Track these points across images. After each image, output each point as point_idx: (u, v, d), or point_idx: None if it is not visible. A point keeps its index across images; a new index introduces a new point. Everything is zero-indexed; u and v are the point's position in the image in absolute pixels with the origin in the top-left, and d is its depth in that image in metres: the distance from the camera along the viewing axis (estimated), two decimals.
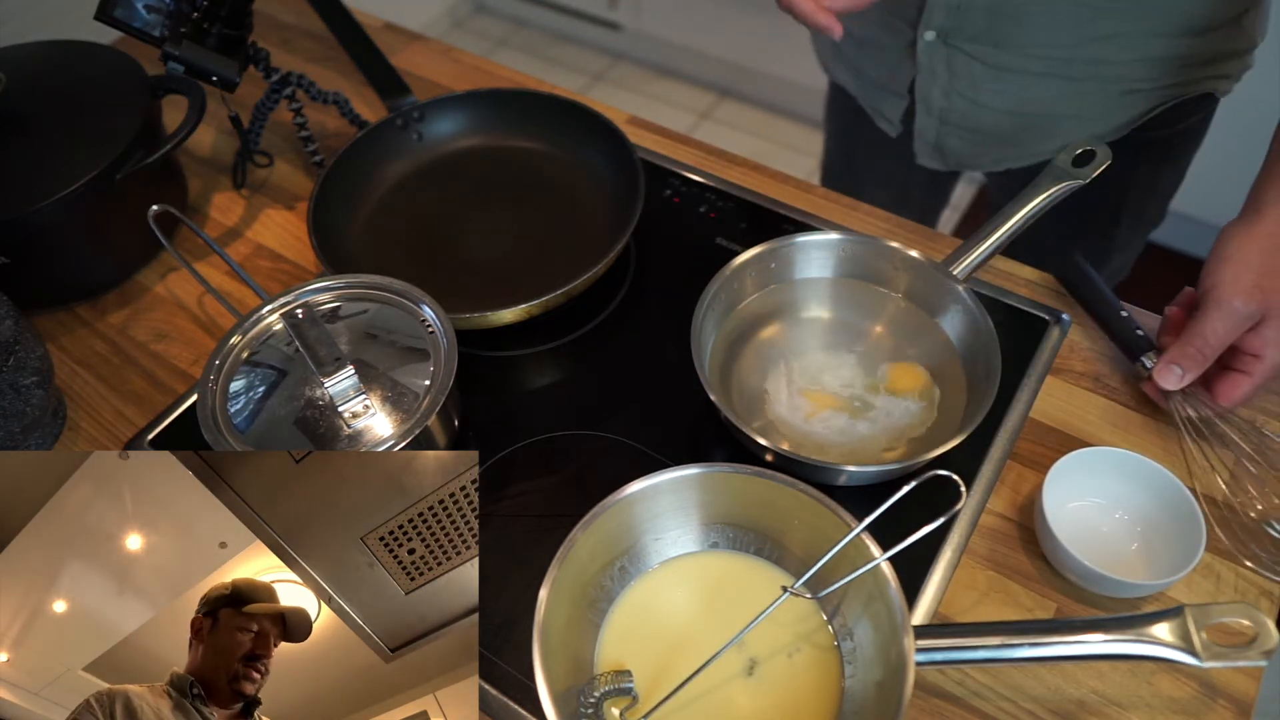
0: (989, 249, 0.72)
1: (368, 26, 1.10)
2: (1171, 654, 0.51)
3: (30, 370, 0.71)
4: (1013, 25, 0.84)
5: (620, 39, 2.58)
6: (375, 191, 0.90)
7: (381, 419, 0.63)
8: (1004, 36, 0.85)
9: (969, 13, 0.84)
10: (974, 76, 0.89)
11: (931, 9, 0.85)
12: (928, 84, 0.93)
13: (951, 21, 0.86)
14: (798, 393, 0.71)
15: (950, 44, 0.88)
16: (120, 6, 0.78)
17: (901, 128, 1.02)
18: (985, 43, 0.86)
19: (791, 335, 0.75)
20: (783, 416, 0.70)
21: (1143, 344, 0.71)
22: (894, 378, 0.72)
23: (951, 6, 0.84)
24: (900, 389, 0.71)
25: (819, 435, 0.69)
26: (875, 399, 0.71)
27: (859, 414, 0.70)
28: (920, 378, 0.71)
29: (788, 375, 0.72)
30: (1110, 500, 0.65)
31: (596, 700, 0.53)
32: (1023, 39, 0.84)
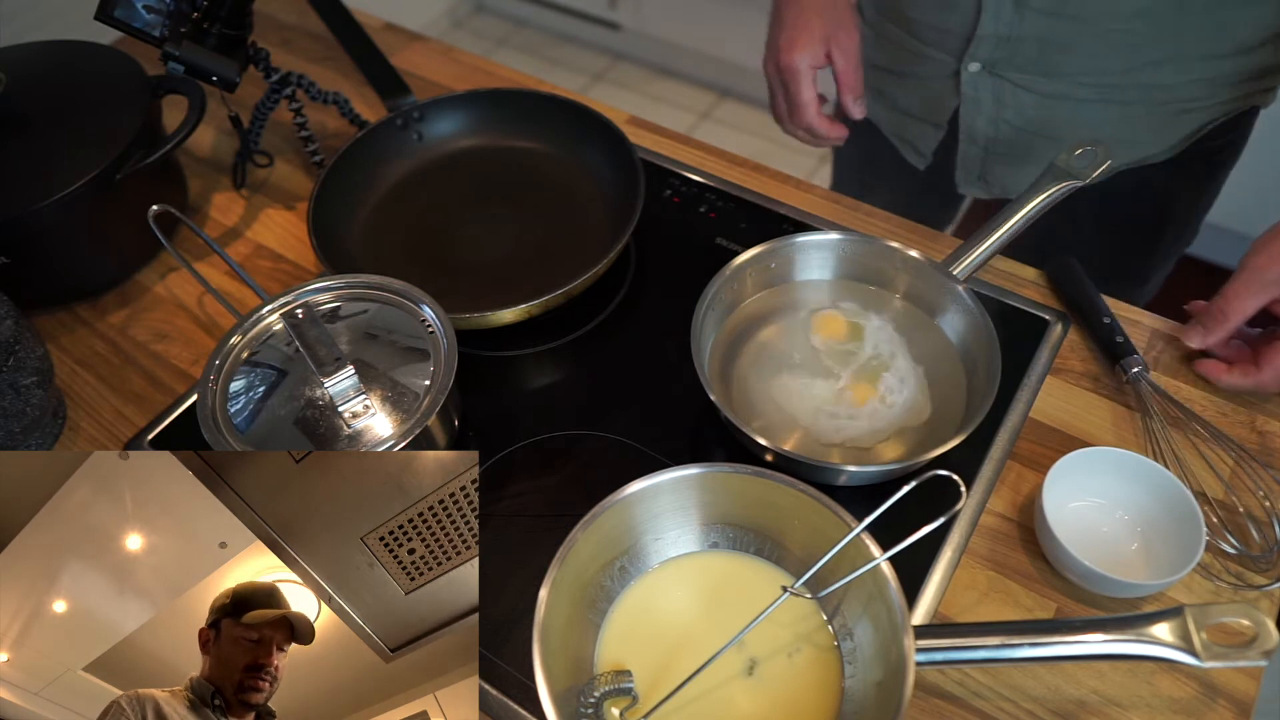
0: (989, 249, 0.72)
1: (368, 26, 1.10)
2: (1171, 654, 0.51)
3: (30, 370, 0.71)
4: (1063, 54, 0.82)
5: (620, 39, 2.58)
6: (375, 191, 0.90)
7: (381, 419, 0.63)
8: (1054, 66, 0.83)
9: (1019, 44, 0.82)
10: (1022, 105, 0.87)
11: (979, 41, 0.83)
12: (972, 115, 0.91)
13: (1000, 53, 0.84)
14: None
15: (996, 74, 0.86)
16: (120, 6, 0.78)
17: (931, 160, 1.00)
18: (1034, 72, 0.84)
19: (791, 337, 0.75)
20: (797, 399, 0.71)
21: (1123, 349, 0.71)
22: (818, 326, 0.74)
23: (1001, 38, 0.82)
24: (828, 334, 0.73)
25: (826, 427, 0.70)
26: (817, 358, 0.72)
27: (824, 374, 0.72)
28: (839, 325, 0.73)
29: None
30: (1110, 500, 0.65)
31: (596, 700, 0.53)
32: (1073, 67, 0.83)
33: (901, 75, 0.96)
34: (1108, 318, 0.74)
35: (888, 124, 1.03)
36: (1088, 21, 0.78)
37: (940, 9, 0.86)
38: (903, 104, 0.99)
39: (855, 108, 0.84)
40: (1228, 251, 1.69)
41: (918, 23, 0.89)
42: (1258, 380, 0.68)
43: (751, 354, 0.74)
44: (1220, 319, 0.69)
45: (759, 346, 0.74)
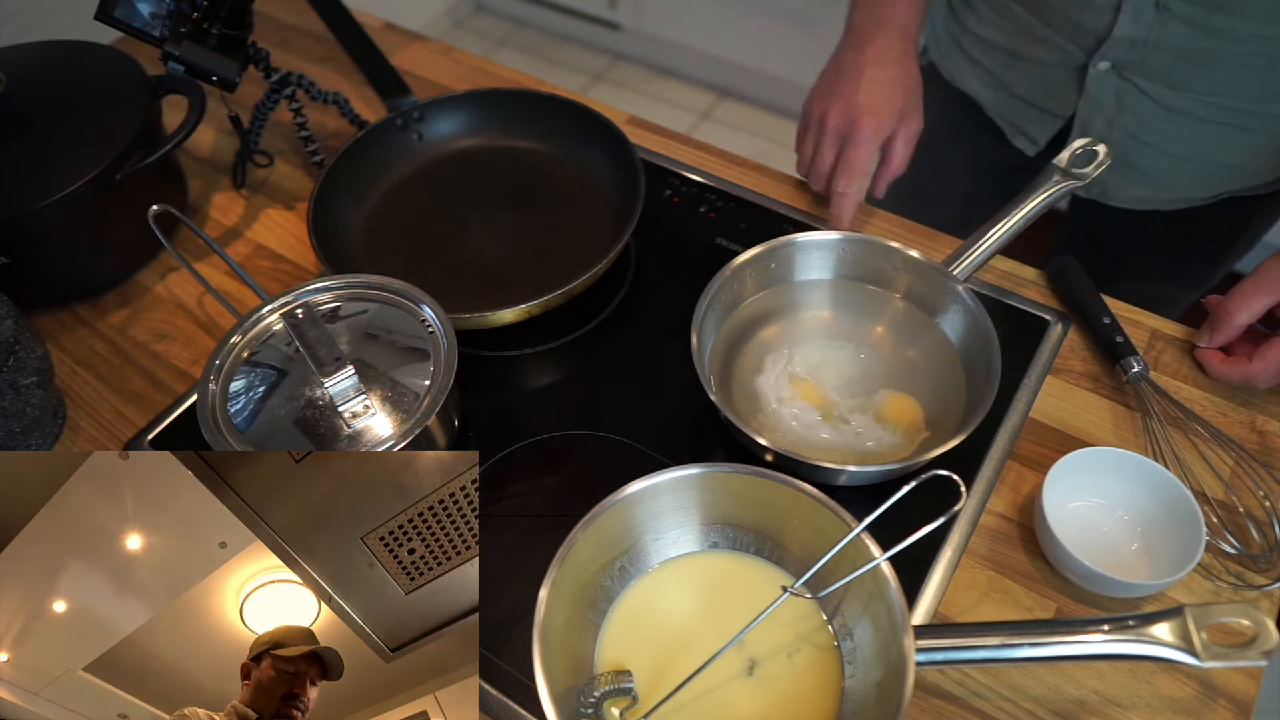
0: (989, 249, 0.72)
1: (368, 26, 1.10)
2: (1171, 654, 0.51)
3: (30, 370, 0.71)
4: (1198, 69, 0.80)
5: (620, 39, 2.58)
6: (375, 191, 0.90)
7: (381, 419, 0.63)
8: (1185, 80, 0.81)
9: (1155, 50, 0.80)
10: (1143, 113, 0.85)
11: (1114, 41, 0.81)
12: (1091, 113, 0.88)
13: (1133, 56, 0.82)
14: (787, 378, 0.71)
15: (1124, 77, 0.84)
16: (120, 6, 0.78)
17: (1043, 148, 0.97)
18: (1163, 83, 0.82)
19: (796, 331, 0.75)
20: (763, 392, 0.71)
21: (1123, 349, 0.71)
22: (887, 406, 0.71)
23: (1138, 41, 0.80)
24: (887, 419, 0.70)
25: (783, 420, 0.69)
26: (855, 418, 0.70)
27: (830, 421, 0.70)
28: (914, 414, 0.70)
29: (789, 359, 0.72)
30: (1110, 500, 0.65)
31: (596, 700, 0.53)
32: (1205, 85, 0.81)
33: (1021, 59, 0.92)
34: (1108, 318, 0.74)
35: (994, 105, 0.99)
36: (1230, 40, 0.76)
37: (1077, 4, 0.83)
38: (1017, 88, 0.95)
39: (883, 189, 0.82)
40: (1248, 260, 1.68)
41: (1051, 10, 0.86)
42: (1246, 372, 0.69)
43: (751, 354, 0.74)
44: (1226, 318, 0.69)
45: (759, 346, 0.74)
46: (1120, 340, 0.72)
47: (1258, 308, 0.68)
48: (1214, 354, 0.71)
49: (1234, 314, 0.69)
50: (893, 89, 0.79)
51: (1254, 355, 0.68)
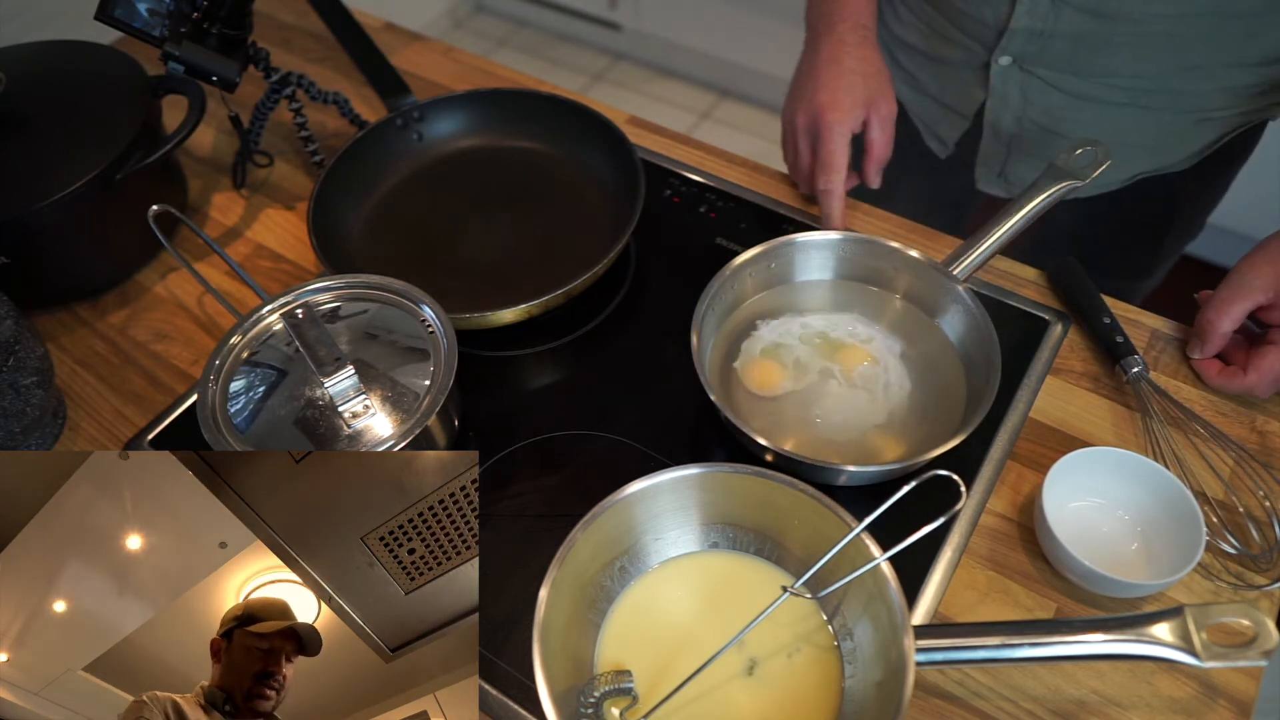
0: (989, 249, 0.72)
1: (368, 26, 1.10)
2: (1171, 654, 0.51)
3: (30, 370, 0.71)
4: (1097, 54, 0.81)
5: (620, 39, 2.58)
6: (375, 191, 0.90)
7: (381, 419, 0.63)
8: (1085, 65, 0.82)
9: (1052, 40, 0.81)
10: (1049, 104, 0.86)
11: (1011, 35, 0.82)
12: (999, 109, 0.89)
13: (1032, 48, 0.83)
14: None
15: (1026, 69, 0.85)
16: (120, 6, 0.78)
17: (953, 149, 0.99)
18: (1065, 70, 0.83)
19: None
20: None
21: (1123, 349, 0.71)
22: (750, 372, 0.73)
23: (1034, 32, 0.81)
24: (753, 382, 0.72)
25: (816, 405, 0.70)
26: None
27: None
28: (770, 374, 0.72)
29: None
30: (1110, 500, 0.65)
31: (596, 700, 0.53)
32: (1105, 68, 0.82)
33: (934, 60, 0.94)
34: (1108, 318, 0.74)
35: (914, 107, 1.01)
36: (1125, 22, 0.77)
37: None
38: (932, 89, 0.97)
39: (875, 177, 0.83)
40: (1230, 252, 1.69)
41: (955, 9, 0.87)
42: (1244, 384, 0.69)
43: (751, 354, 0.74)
44: (1209, 329, 0.70)
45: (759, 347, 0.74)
46: (1120, 340, 0.72)
47: (1237, 313, 0.68)
48: (1210, 364, 0.72)
49: (1217, 323, 0.69)
50: (851, 80, 0.80)
51: (1248, 366, 0.68)
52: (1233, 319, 0.69)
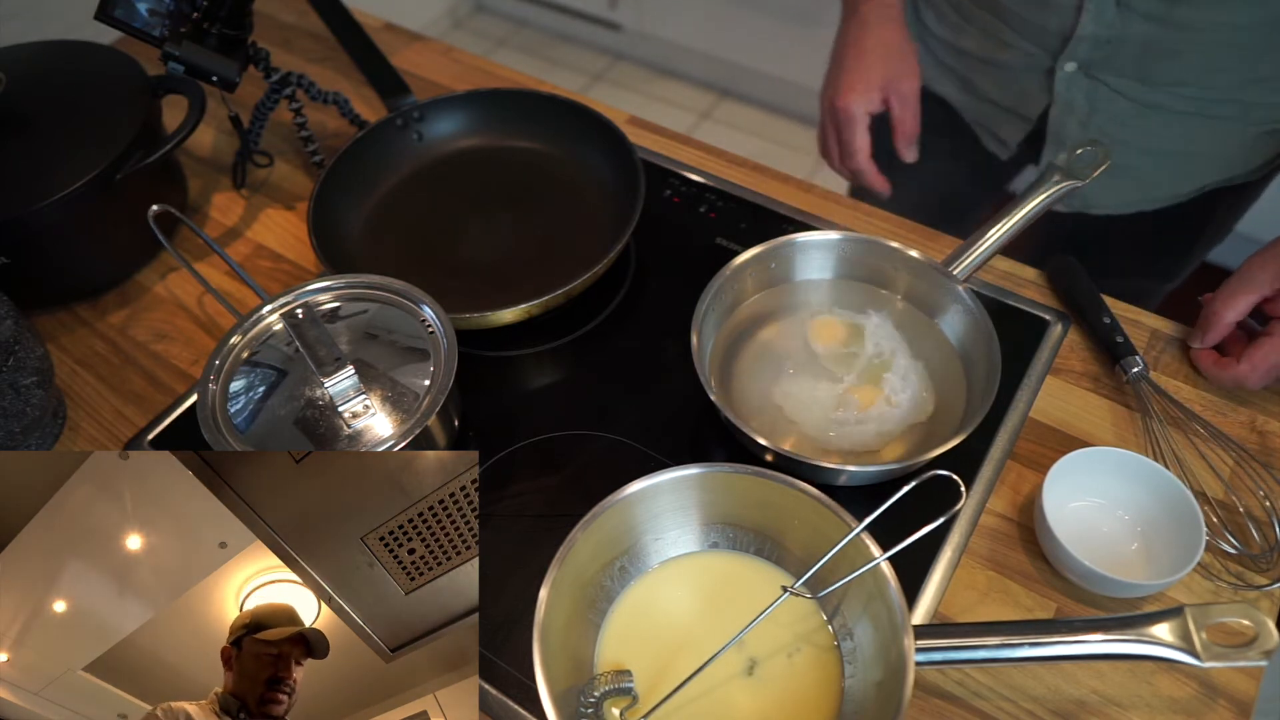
0: (989, 249, 0.72)
1: (368, 26, 1.10)
2: (1171, 654, 0.51)
3: (30, 370, 0.71)
4: (1165, 62, 0.80)
5: (620, 39, 2.58)
6: (375, 191, 0.90)
7: (381, 419, 0.63)
8: (1154, 73, 0.81)
9: (1119, 46, 0.80)
10: (1116, 112, 0.85)
11: (1078, 41, 0.81)
12: (1063, 116, 0.88)
13: (1098, 54, 0.81)
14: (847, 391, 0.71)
15: (1093, 76, 0.84)
16: (120, 6, 0.78)
17: (1015, 151, 0.97)
18: (1132, 78, 0.82)
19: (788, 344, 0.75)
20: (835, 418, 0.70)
21: (1123, 349, 0.71)
22: (816, 333, 0.74)
23: (1101, 40, 0.80)
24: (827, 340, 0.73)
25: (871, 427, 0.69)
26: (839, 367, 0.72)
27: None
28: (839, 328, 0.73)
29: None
30: (1110, 500, 0.65)
31: (596, 700, 0.53)
32: (1173, 76, 0.80)
33: (990, 63, 0.92)
34: (1108, 318, 0.74)
35: (969, 110, 0.99)
36: (1193, 30, 0.76)
37: (1038, 6, 0.83)
38: (990, 93, 0.95)
39: (909, 152, 0.83)
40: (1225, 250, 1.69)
41: (1013, 14, 0.86)
42: (1235, 374, 0.69)
43: (751, 354, 0.74)
44: (1215, 318, 0.70)
45: (759, 346, 0.74)
46: (1120, 340, 0.72)
47: (1243, 305, 0.69)
48: (1207, 354, 0.72)
49: (1222, 313, 0.69)
50: (868, 61, 0.81)
51: (1242, 357, 0.68)
52: (1237, 311, 0.69)
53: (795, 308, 0.76)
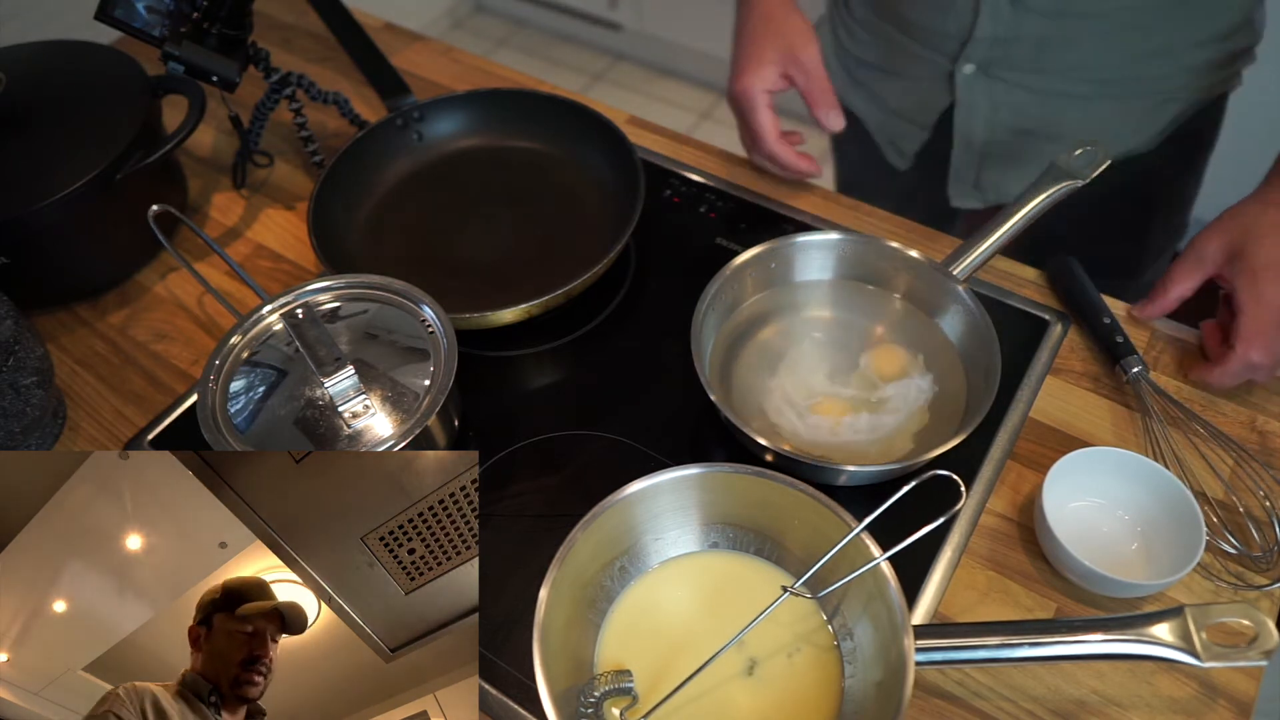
0: (989, 249, 0.72)
1: (368, 26, 1.10)
2: (1171, 654, 0.51)
3: (30, 370, 0.71)
4: (1060, 52, 0.81)
5: (620, 39, 2.58)
6: (375, 191, 0.90)
7: (381, 419, 0.63)
8: (1049, 63, 0.83)
9: (1015, 44, 0.81)
10: (1017, 104, 0.87)
11: (975, 43, 0.83)
12: (967, 117, 0.90)
13: (995, 53, 0.83)
14: (808, 412, 0.70)
15: (991, 75, 0.85)
16: (120, 6, 0.78)
17: (913, 162, 1.00)
18: (1029, 70, 0.84)
19: (787, 341, 0.75)
20: (803, 436, 0.69)
21: (1123, 349, 0.71)
22: (878, 364, 0.72)
23: (998, 39, 0.82)
24: (889, 373, 0.71)
25: (850, 443, 0.68)
26: (879, 390, 0.70)
27: (877, 408, 0.70)
28: (900, 356, 0.72)
29: (788, 400, 0.71)
30: (1110, 500, 0.65)
31: (596, 700, 0.53)
32: (1069, 63, 0.82)
33: (894, 74, 0.95)
34: (1108, 318, 0.74)
35: (875, 124, 1.02)
36: (1090, 18, 0.78)
37: (937, 11, 0.85)
38: (894, 103, 0.98)
39: (830, 120, 0.81)
40: None
41: (913, 23, 0.88)
42: (1205, 377, 0.71)
43: (751, 354, 0.74)
44: (1159, 292, 0.73)
45: (759, 346, 0.74)
46: (1120, 340, 0.72)
47: (1190, 283, 0.72)
48: (1198, 363, 0.73)
49: (1170, 290, 0.73)
50: (759, 40, 0.81)
51: (1216, 364, 0.70)
52: (1184, 289, 0.72)
53: (795, 308, 0.76)
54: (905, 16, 0.89)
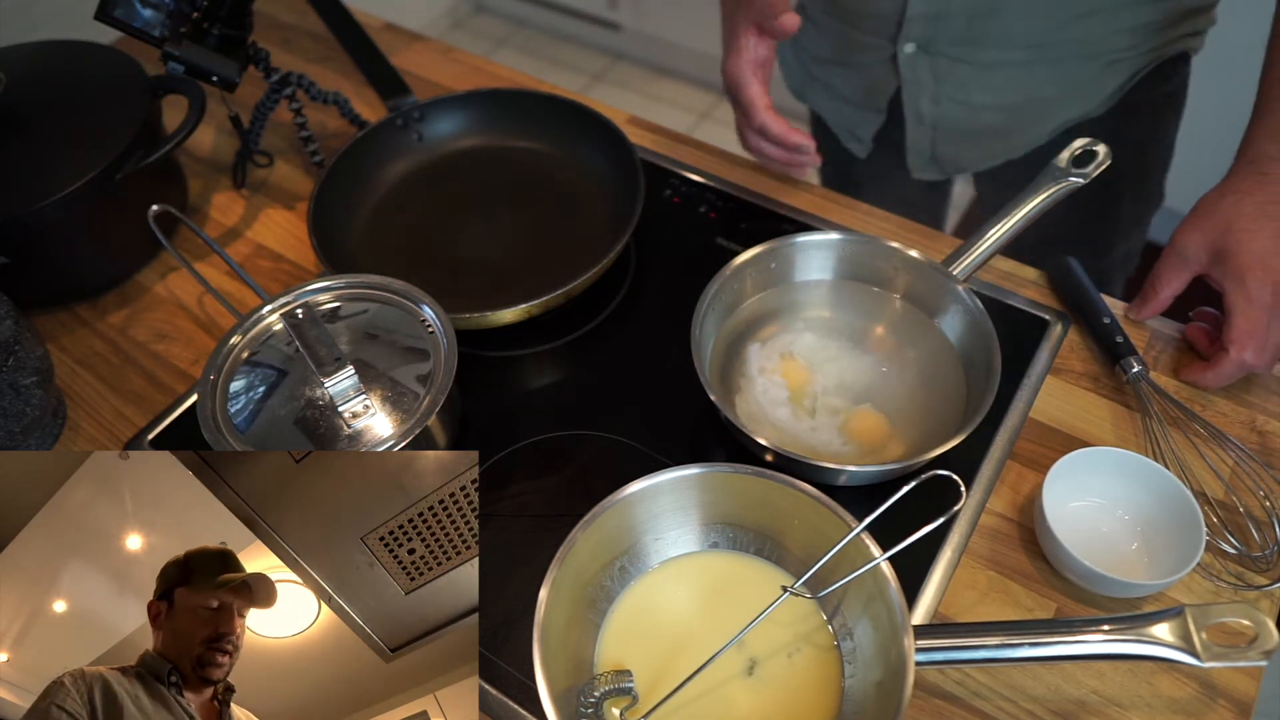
0: (989, 249, 0.72)
1: (368, 26, 1.10)
2: (1171, 654, 0.51)
3: (30, 370, 0.71)
4: (990, 21, 0.84)
5: (620, 39, 2.58)
6: (375, 191, 0.90)
7: (381, 419, 0.63)
8: (983, 34, 0.85)
9: (947, 20, 0.84)
10: (961, 78, 0.89)
11: (910, 22, 0.85)
12: (914, 95, 0.92)
13: (930, 30, 0.86)
14: (779, 354, 0.71)
15: (931, 51, 0.88)
16: (120, 6, 0.78)
17: (871, 146, 1.02)
18: (965, 43, 0.86)
19: (792, 332, 0.75)
20: (749, 358, 0.72)
21: (1123, 349, 0.71)
22: (854, 421, 0.70)
23: (930, 16, 0.84)
24: (851, 433, 0.69)
25: (753, 390, 0.70)
26: (821, 417, 0.70)
27: (796, 406, 0.70)
28: (879, 433, 0.69)
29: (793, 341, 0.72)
30: (1110, 500, 0.65)
31: (596, 700, 0.53)
32: (1002, 32, 0.84)
33: (843, 64, 0.97)
34: (1108, 318, 0.74)
35: (831, 115, 1.04)
36: None
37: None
38: (846, 93, 1.00)
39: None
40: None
41: (852, 11, 0.91)
42: (1198, 379, 0.71)
43: (751, 354, 0.74)
44: (1150, 293, 0.74)
45: (759, 346, 0.74)
46: (1120, 340, 0.72)
47: (1178, 284, 0.73)
48: (1193, 360, 0.73)
49: (1159, 293, 0.73)
50: (734, 23, 0.81)
51: (1209, 366, 0.70)
52: (1173, 289, 0.73)
53: (795, 308, 0.76)
54: (847, 6, 0.91)
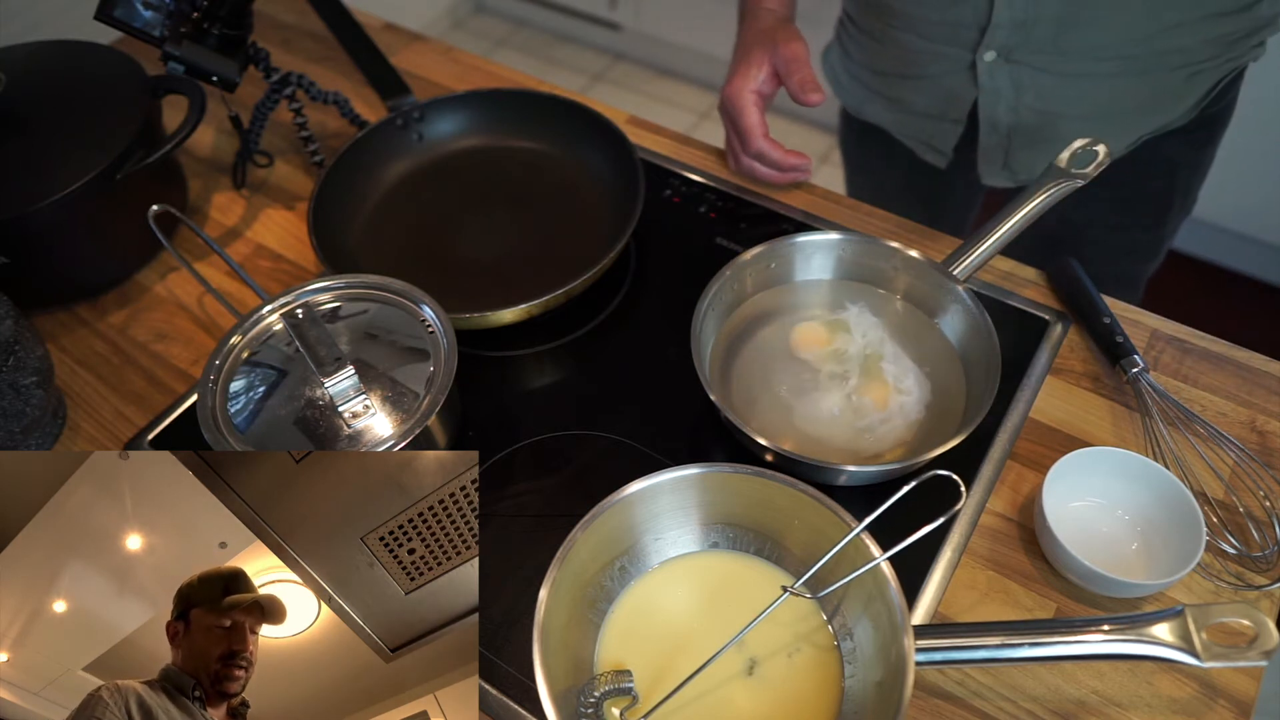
0: (989, 249, 0.72)
1: (368, 26, 1.10)
2: (1171, 654, 0.51)
3: (30, 370, 0.71)
4: (1080, 30, 0.82)
5: (620, 39, 2.58)
6: (375, 191, 0.90)
7: (381, 419, 0.63)
8: (1071, 44, 0.83)
9: (1034, 27, 0.82)
10: (1042, 88, 0.87)
11: (994, 29, 0.83)
12: (992, 105, 0.90)
13: (1015, 39, 0.83)
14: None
15: (1013, 60, 0.85)
16: (120, 6, 0.78)
17: (953, 157, 0.99)
18: (1051, 53, 0.84)
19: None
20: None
21: (1123, 349, 0.71)
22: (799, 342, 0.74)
23: (1017, 23, 0.82)
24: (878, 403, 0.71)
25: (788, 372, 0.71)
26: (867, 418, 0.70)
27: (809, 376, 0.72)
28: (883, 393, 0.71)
29: None
30: (1110, 500, 0.65)
31: (596, 700, 0.53)
32: (1090, 42, 0.82)
33: (912, 78, 0.95)
34: (1108, 318, 0.74)
35: (900, 127, 1.01)
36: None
37: (950, 4, 0.85)
38: (917, 105, 0.97)
39: (808, 94, 0.81)
40: (1224, 250, 1.70)
41: (925, 21, 0.88)
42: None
43: (751, 354, 0.74)
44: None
45: (759, 346, 0.74)
46: (1120, 340, 0.72)
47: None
48: None
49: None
50: (750, 49, 0.83)
51: None
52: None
53: (795, 308, 0.76)
54: (916, 16, 0.89)
